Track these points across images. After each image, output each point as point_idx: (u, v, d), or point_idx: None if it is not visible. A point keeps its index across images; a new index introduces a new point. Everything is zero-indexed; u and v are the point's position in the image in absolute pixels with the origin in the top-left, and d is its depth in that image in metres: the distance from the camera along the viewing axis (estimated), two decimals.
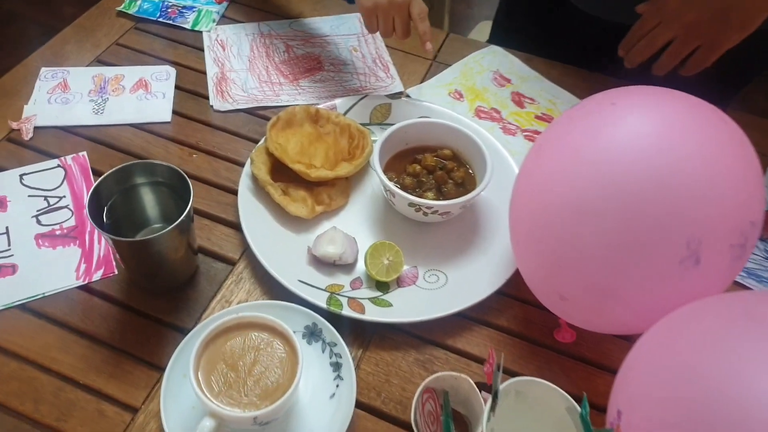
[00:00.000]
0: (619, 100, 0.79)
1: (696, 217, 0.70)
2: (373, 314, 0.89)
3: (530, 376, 0.85)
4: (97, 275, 0.92)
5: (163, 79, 1.21)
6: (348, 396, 0.81)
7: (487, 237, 1.02)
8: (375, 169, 0.97)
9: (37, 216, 0.97)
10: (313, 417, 0.81)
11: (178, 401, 0.79)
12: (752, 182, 0.74)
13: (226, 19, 1.37)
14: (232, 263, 0.96)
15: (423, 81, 1.28)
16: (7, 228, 0.96)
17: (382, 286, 0.94)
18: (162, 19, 1.33)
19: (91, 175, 1.04)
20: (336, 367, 0.84)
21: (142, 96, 1.17)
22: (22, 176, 1.02)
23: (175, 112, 1.16)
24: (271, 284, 0.92)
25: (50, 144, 1.08)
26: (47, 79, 1.18)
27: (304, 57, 1.30)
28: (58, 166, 1.04)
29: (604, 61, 1.32)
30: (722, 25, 1.04)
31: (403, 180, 1.01)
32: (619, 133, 0.74)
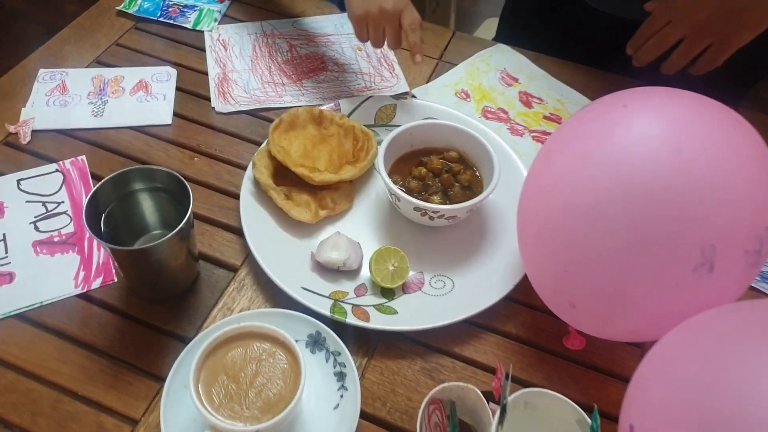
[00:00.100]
0: (631, 102, 0.77)
1: (710, 222, 0.68)
2: (378, 322, 0.88)
3: (539, 384, 0.86)
4: (96, 283, 0.90)
5: (164, 80, 1.19)
6: (352, 406, 0.80)
7: (495, 241, 1.00)
8: (380, 172, 0.96)
9: (35, 222, 0.96)
10: (316, 429, 0.79)
11: (179, 413, 0.78)
12: None
13: (228, 18, 1.35)
14: (234, 270, 0.94)
15: (429, 81, 1.26)
16: (4, 235, 0.94)
17: (387, 293, 0.92)
18: (163, 18, 1.32)
19: (90, 179, 1.02)
20: (340, 376, 0.82)
21: (143, 98, 1.16)
22: (19, 181, 1.00)
23: (176, 115, 1.14)
24: (273, 291, 0.90)
25: (48, 148, 1.06)
26: (45, 81, 1.16)
27: (308, 57, 1.28)
28: (57, 170, 1.02)
29: (613, 60, 1.30)
30: (734, 24, 1.02)
31: (409, 183, 0.99)
32: (631, 136, 0.73)
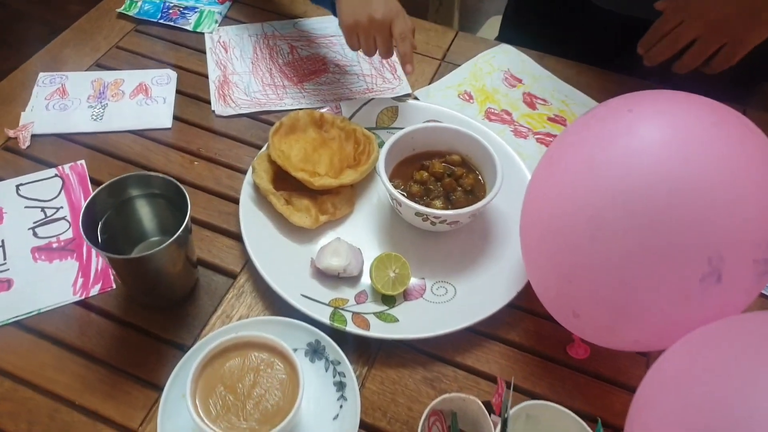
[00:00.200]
0: (636, 107, 0.75)
1: (718, 231, 0.67)
2: (379, 330, 0.87)
3: (542, 394, 0.85)
4: (95, 290, 0.89)
5: (164, 83, 1.18)
6: (352, 417, 0.78)
7: (498, 246, 0.99)
8: (381, 177, 0.94)
9: (34, 228, 0.95)
10: None
11: (177, 423, 0.77)
12: None
13: (228, 19, 1.34)
14: (233, 276, 0.93)
15: (431, 82, 1.24)
16: (2, 241, 0.93)
17: (388, 300, 0.91)
18: (163, 20, 1.30)
19: (90, 184, 1.01)
20: (340, 386, 0.81)
21: (142, 101, 1.15)
22: (18, 187, 1.00)
23: (176, 118, 1.13)
24: (273, 298, 0.89)
25: (48, 152, 1.06)
26: (45, 84, 1.16)
27: (309, 58, 1.27)
28: (56, 175, 1.02)
29: (618, 58, 1.28)
30: (748, 22, 1.01)
31: (410, 187, 0.98)
32: (636, 142, 0.71)
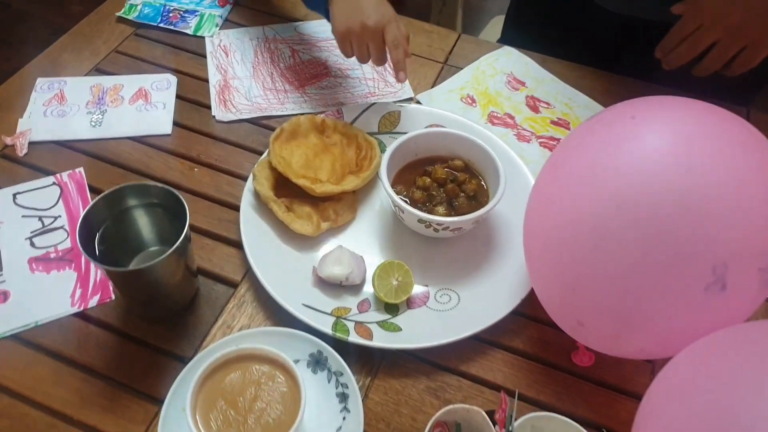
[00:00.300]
0: (639, 114, 0.74)
1: (722, 239, 0.66)
2: (381, 340, 0.85)
3: (547, 402, 0.84)
4: (93, 301, 0.88)
5: (164, 88, 1.17)
6: (355, 429, 0.78)
7: (502, 252, 0.97)
8: (383, 183, 0.93)
9: (31, 238, 0.94)
10: None
11: None
12: None
13: (229, 23, 1.33)
14: (234, 285, 0.92)
15: (434, 85, 1.23)
16: None
17: (391, 308, 0.90)
18: (163, 24, 1.29)
19: (88, 192, 1.00)
20: (342, 398, 0.80)
21: (142, 107, 1.13)
22: (15, 195, 0.98)
23: (176, 124, 1.12)
24: (274, 308, 0.88)
25: (45, 160, 1.04)
26: (43, 90, 1.14)
27: (311, 62, 1.25)
28: (54, 183, 1.00)
29: (621, 59, 1.27)
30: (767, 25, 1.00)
31: (413, 193, 0.97)
32: (639, 150, 0.70)
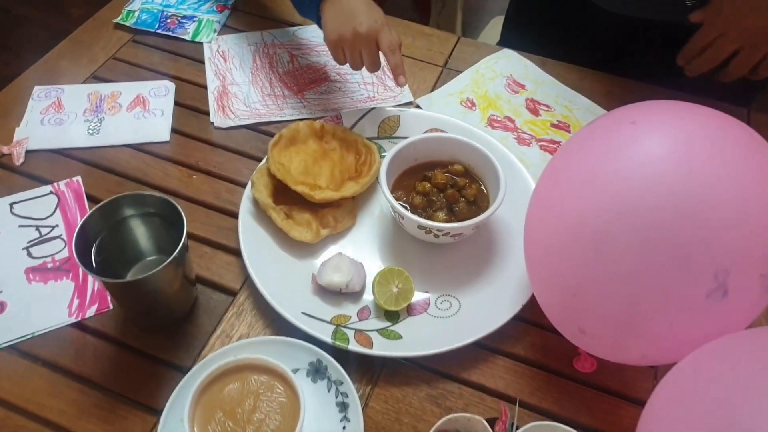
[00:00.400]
0: (639, 119, 0.74)
1: (723, 245, 0.65)
2: (382, 348, 0.85)
3: (549, 408, 0.84)
4: (91, 311, 0.87)
5: (162, 95, 1.16)
6: None
7: (503, 257, 0.97)
8: (382, 189, 0.93)
9: (28, 248, 0.93)
10: None
11: None
12: None
13: (228, 28, 1.32)
14: (233, 293, 0.92)
15: (433, 89, 1.22)
16: None
17: (392, 316, 0.89)
18: (161, 30, 1.28)
19: (86, 201, 0.99)
20: (342, 407, 0.79)
21: (140, 114, 1.13)
22: (12, 205, 0.98)
23: (174, 131, 1.12)
24: (273, 316, 0.87)
25: (43, 169, 1.04)
26: (40, 98, 1.14)
27: (309, 67, 1.25)
28: (51, 192, 1.00)
29: (621, 60, 1.26)
30: None
31: (413, 199, 0.96)
32: (639, 156, 0.70)
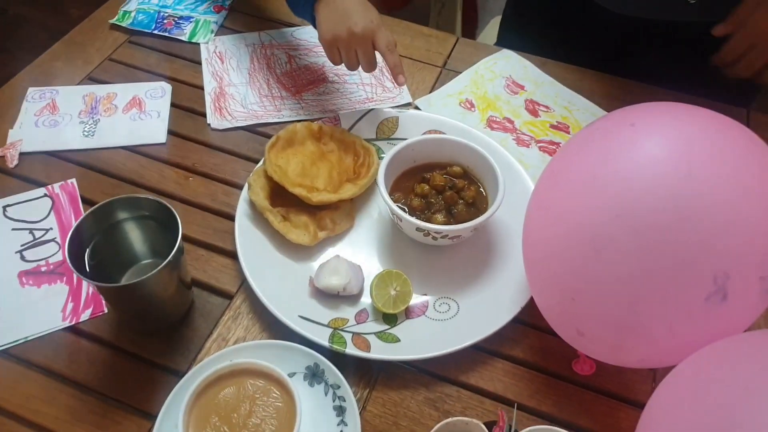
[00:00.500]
0: (638, 121, 0.74)
1: (722, 248, 0.65)
2: (379, 351, 0.84)
3: (548, 411, 0.84)
4: (85, 315, 0.86)
5: (158, 96, 1.15)
6: None
7: (502, 258, 0.96)
8: (381, 191, 0.92)
9: (22, 251, 0.92)
10: None
11: None
12: None
13: (225, 29, 1.31)
14: (230, 297, 0.91)
15: (432, 90, 1.21)
16: None
17: (390, 319, 0.88)
18: (157, 31, 1.27)
19: (81, 204, 0.98)
20: (340, 411, 0.79)
21: (136, 116, 1.12)
22: (5, 208, 0.97)
23: (170, 132, 1.11)
24: (270, 320, 0.87)
25: (37, 171, 1.03)
26: (35, 100, 1.13)
27: (307, 68, 1.24)
28: (45, 195, 0.99)
29: (620, 60, 1.25)
30: None
31: (411, 201, 0.95)
32: (638, 158, 0.70)
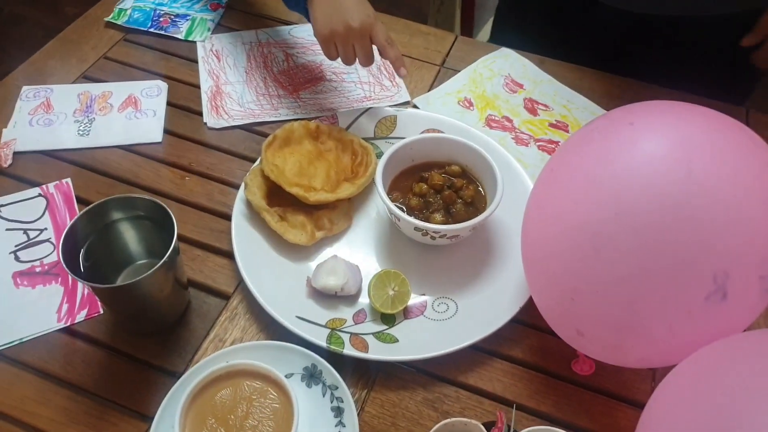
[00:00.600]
0: (637, 120, 0.73)
1: (722, 247, 0.64)
2: (377, 352, 0.83)
3: (547, 411, 0.83)
4: (81, 316, 0.85)
5: (154, 95, 1.14)
6: None
7: (500, 259, 0.95)
8: (379, 191, 0.91)
9: (16, 252, 0.91)
10: None
11: None
12: None
13: (222, 27, 1.30)
14: (227, 297, 0.90)
15: (431, 89, 1.21)
16: None
17: (388, 319, 0.87)
18: (153, 29, 1.27)
19: (76, 204, 0.98)
20: (338, 412, 0.78)
21: (132, 114, 1.11)
22: None
23: (166, 131, 1.10)
24: (267, 320, 0.86)
25: (31, 171, 1.02)
26: (29, 98, 1.12)
27: (305, 66, 1.23)
28: (40, 195, 0.98)
29: (620, 58, 1.25)
30: None
31: (409, 200, 0.95)
32: (637, 157, 0.69)
